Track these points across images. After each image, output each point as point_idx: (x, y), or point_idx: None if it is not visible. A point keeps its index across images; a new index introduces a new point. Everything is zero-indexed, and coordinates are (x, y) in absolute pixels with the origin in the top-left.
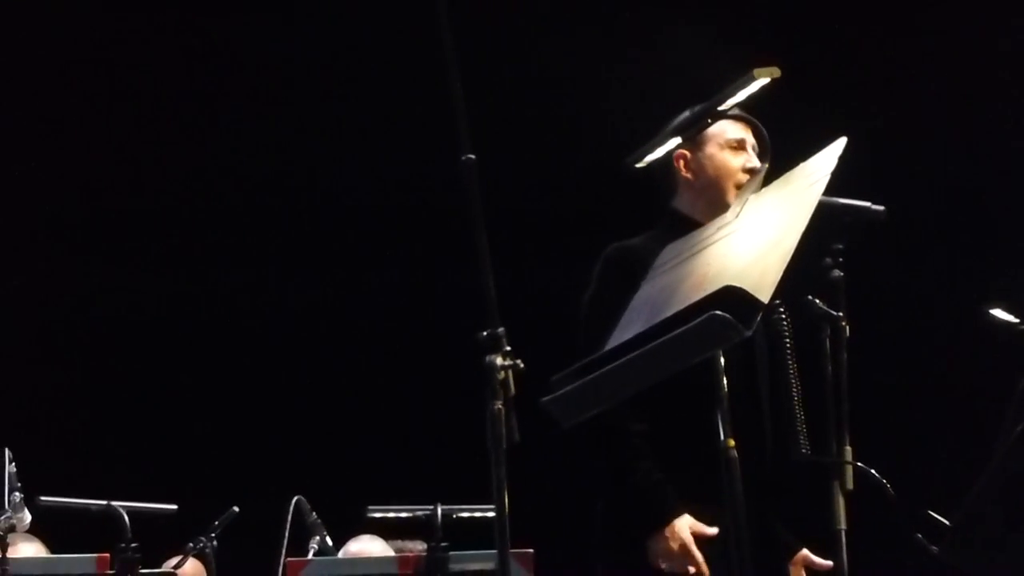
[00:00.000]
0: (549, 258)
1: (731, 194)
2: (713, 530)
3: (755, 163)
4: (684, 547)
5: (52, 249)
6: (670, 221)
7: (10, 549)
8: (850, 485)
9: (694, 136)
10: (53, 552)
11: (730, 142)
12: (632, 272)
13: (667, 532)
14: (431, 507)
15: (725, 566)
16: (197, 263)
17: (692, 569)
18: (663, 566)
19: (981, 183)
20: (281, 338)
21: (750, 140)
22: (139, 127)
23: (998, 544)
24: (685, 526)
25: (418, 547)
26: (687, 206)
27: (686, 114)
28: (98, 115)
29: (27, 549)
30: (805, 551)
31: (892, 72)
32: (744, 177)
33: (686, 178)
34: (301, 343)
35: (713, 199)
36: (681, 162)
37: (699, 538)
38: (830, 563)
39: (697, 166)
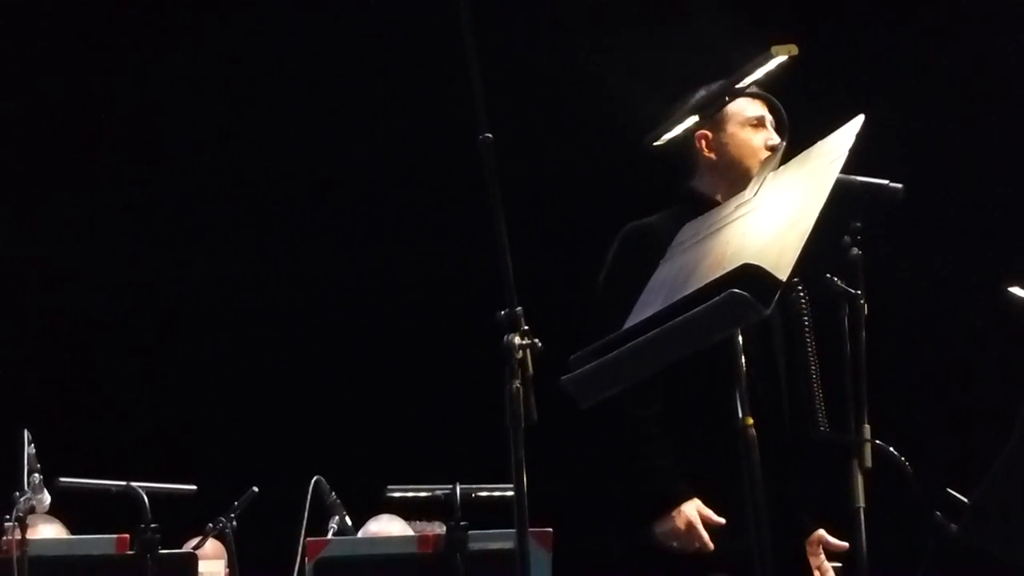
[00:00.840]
0: (569, 237)
1: (755, 172)
2: (720, 520)
3: (776, 140)
4: (691, 526)
5: (70, 229)
6: (689, 201)
7: (30, 530)
8: (869, 463)
9: (713, 115)
10: (72, 533)
11: (750, 120)
12: (648, 250)
13: (674, 514)
14: (450, 487)
15: (744, 545)
16: (215, 243)
17: (697, 544)
18: (673, 545)
19: (1001, 159)
20: (300, 318)
21: (768, 117)
22: (150, 110)
23: (1017, 523)
24: (693, 509)
25: (437, 527)
26: (707, 186)
27: (703, 92)
28: (114, 94)
29: (47, 530)
30: (821, 531)
31: (910, 48)
32: (767, 154)
33: (708, 158)
34: (320, 323)
35: (735, 178)
36: (703, 142)
37: (707, 522)
38: (846, 544)
39: (719, 146)
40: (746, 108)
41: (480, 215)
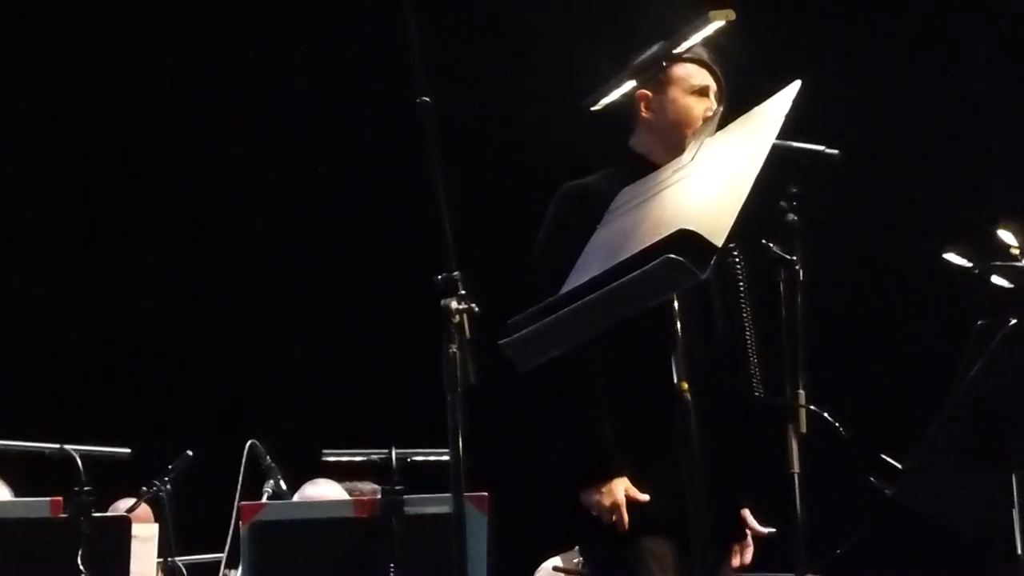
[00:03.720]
0: (507, 200)
1: (690, 137)
2: (645, 497)
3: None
4: (615, 506)
5: (14, 196)
6: (626, 161)
7: None
8: (804, 428)
9: (656, 77)
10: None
11: (694, 87)
12: (586, 211)
13: (603, 490)
14: (386, 451)
15: (679, 507)
16: (162, 210)
17: (616, 522)
18: (593, 513)
19: (938, 124)
20: (236, 282)
21: (713, 87)
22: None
23: (951, 486)
24: (621, 489)
25: (368, 486)
26: (644, 146)
27: (642, 55)
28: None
29: None
30: (746, 511)
31: (846, 13)
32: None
33: (646, 118)
34: (256, 287)
35: (671, 142)
36: (643, 102)
37: (631, 498)
38: (765, 531)
39: (659, 107)
40: (693, 75)
41: (419, 178)
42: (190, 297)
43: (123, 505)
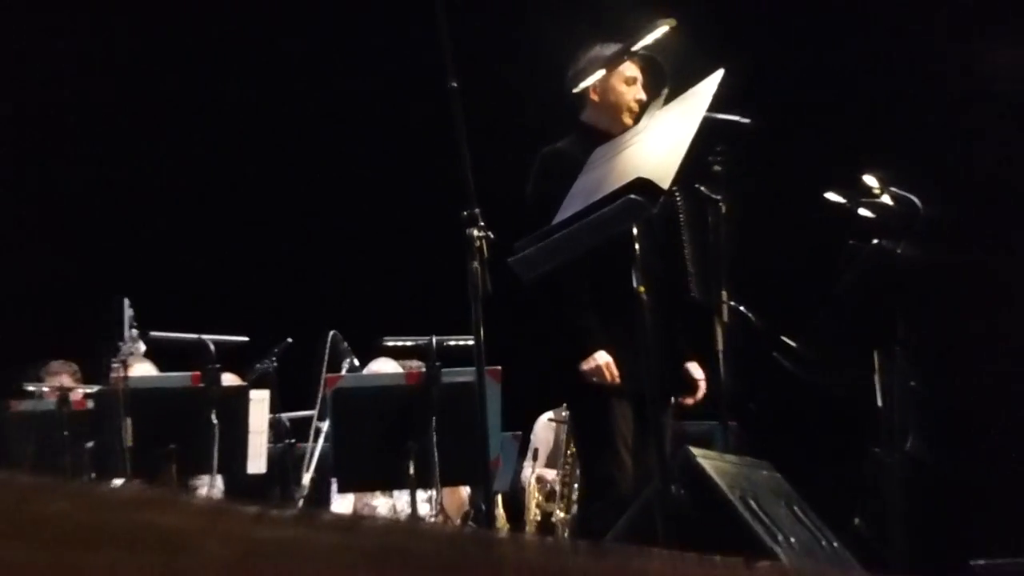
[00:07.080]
0: (515, 153)
1: (624, 113)
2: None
3: (641, 95)
4: (608, 366)
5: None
6: (582, 130)
7: (131, 369)
8: (726, 319)
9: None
10: (160, 371)
11: (628, 79)
12: (562, 167)
13: (594, 357)
14: (428, 337)
15: (639, 377)
16: (257, 116)
17: (609, 378)
18: (593, 379)
19: (824, 96)
20: (324, 207)
21: (640, 78)
22: None
23: (831, 360)
24: (604, 355)
25: (417, 364)
26: (593, 119)
27: (605, 51)
28: None
29: (143, 368)
30: (693, 365)
31: (753, 16)
32: (635, 105)
33: (593, 100)
34: (342, 219)
35: (612, 116)
36: (591, 87)
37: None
38: (702, 377)
39: (603, 91)
40: (627, 68)
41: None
42: (291, 218)
43: None
